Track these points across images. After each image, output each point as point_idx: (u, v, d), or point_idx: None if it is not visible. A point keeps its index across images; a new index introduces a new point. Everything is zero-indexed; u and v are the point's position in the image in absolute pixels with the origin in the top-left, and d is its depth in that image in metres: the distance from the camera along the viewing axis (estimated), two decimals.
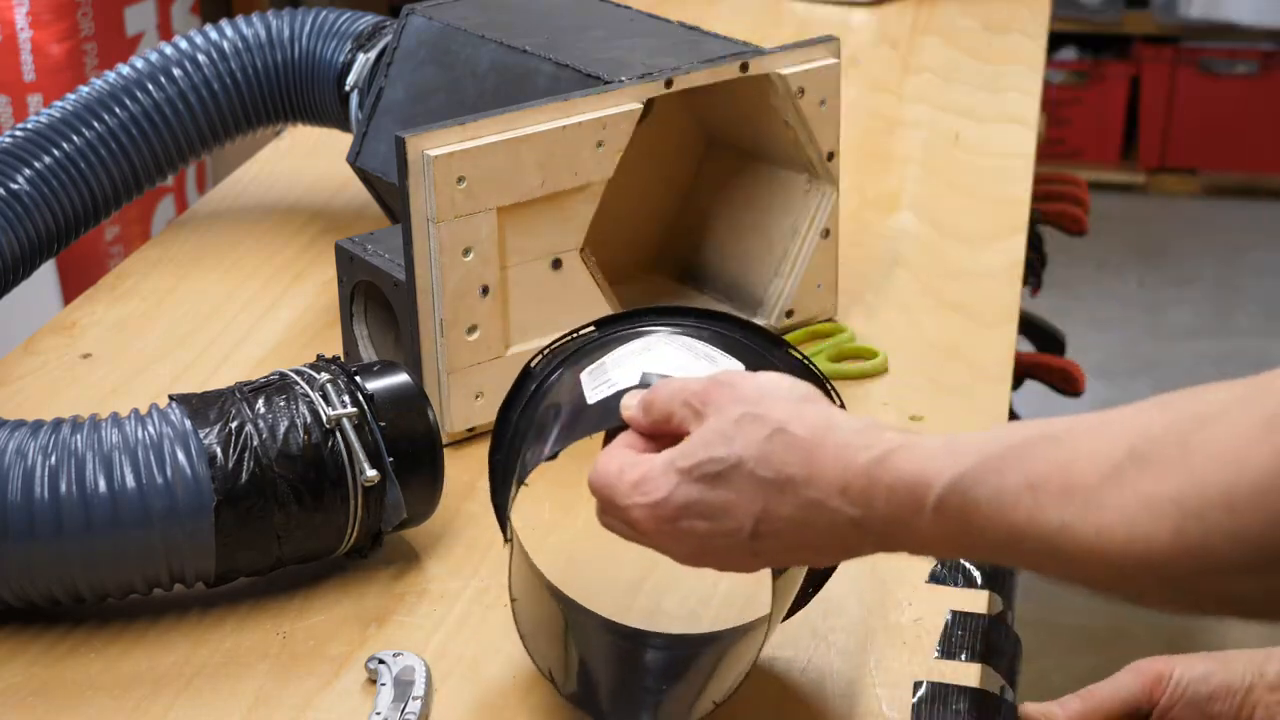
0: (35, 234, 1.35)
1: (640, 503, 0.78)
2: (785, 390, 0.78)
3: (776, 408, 0.76)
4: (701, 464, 0.76)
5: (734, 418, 0.77)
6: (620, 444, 0.82)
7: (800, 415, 0.76)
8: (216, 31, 1.48)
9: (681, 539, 0.78)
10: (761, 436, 0.75)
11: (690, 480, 0.77)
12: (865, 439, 0.74)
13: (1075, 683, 1.04)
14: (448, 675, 0.97)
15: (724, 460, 0.76)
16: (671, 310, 0.93)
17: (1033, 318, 2.09)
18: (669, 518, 0.78)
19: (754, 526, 0.76)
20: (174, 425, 1.00)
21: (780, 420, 0.76)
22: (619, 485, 0.79)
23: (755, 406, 0.76)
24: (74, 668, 0.98)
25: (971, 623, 1.00)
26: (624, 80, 1.21)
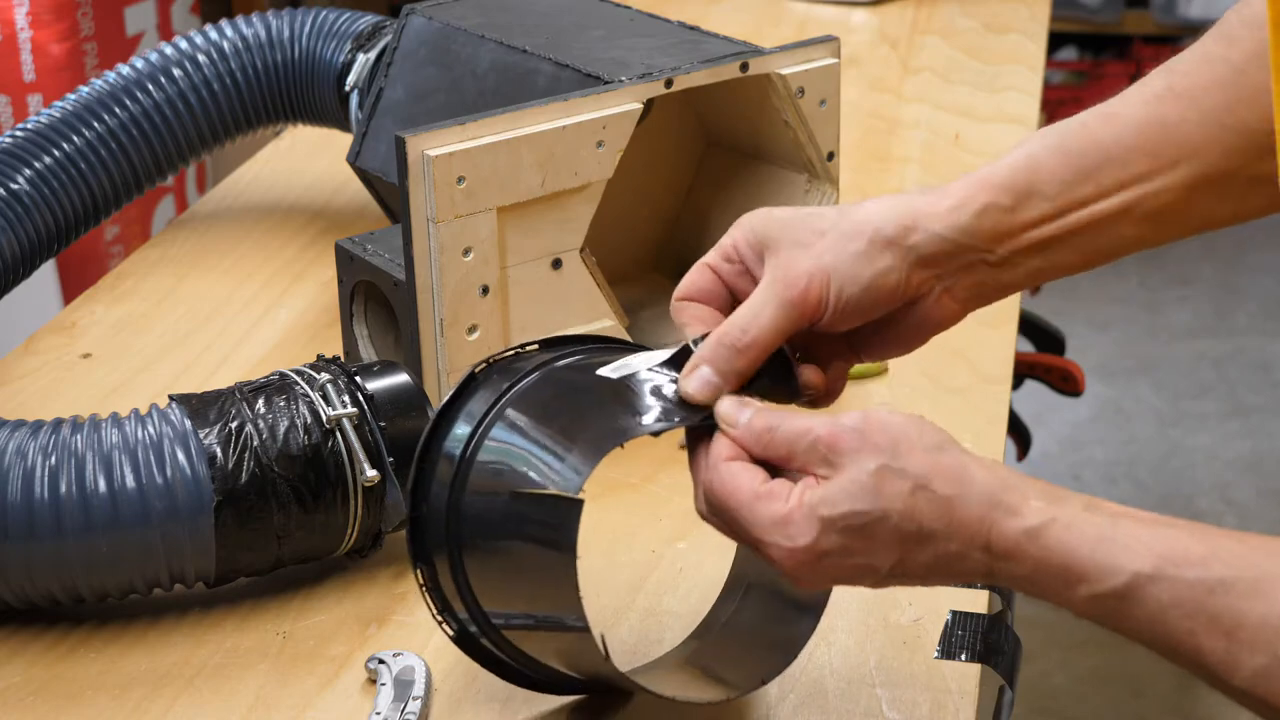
0: (35, 234, 1.35)
1: (783, 544, 0.79)
2: (917, 439, 0.79)
3: (914, 460, 0.78)
4: (846, 516, 0.78)
5: (872, 470, 0.78)
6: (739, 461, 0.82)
7: (939, 469, 0.78)
8: (216, 31, 1.48)
9: (817, 576, 0.81)
10: (905, 492, 0.77)
11: (834, 530, 0.78)
12: (1010, 502, 0.77)
13: (1075, 683, 1.04)
14: (448, 675, 0.97)
15: (868, 515, 0.78)
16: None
17: (1033, 318, 2.09)
18: (810, 561, 0.79)
19: (890, 569, 0.79)
20: (174, 425, 1.00)
21: (920, 475, 0.77)
22: (758, 516, 0.80)
23: (893, 459, 0.78)
24: (74, 668, 0.99)
25: (971, 623, 1.00)
26: (624, 80, 1.21)
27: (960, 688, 0.95)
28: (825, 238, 0.86)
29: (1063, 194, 0.86)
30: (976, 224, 0.86)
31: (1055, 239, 0.87)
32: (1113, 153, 0.86)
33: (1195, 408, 3.20)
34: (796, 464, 0.80)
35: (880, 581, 0.80)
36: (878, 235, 0.86)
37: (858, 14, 2.18)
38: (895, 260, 0.86)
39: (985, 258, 0.87)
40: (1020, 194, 0.86)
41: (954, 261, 0.87)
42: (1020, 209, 0.86)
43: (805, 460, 0.80)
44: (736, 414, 0.83)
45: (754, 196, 1.36)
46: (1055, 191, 0.86)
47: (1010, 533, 0.76)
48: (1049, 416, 3.03)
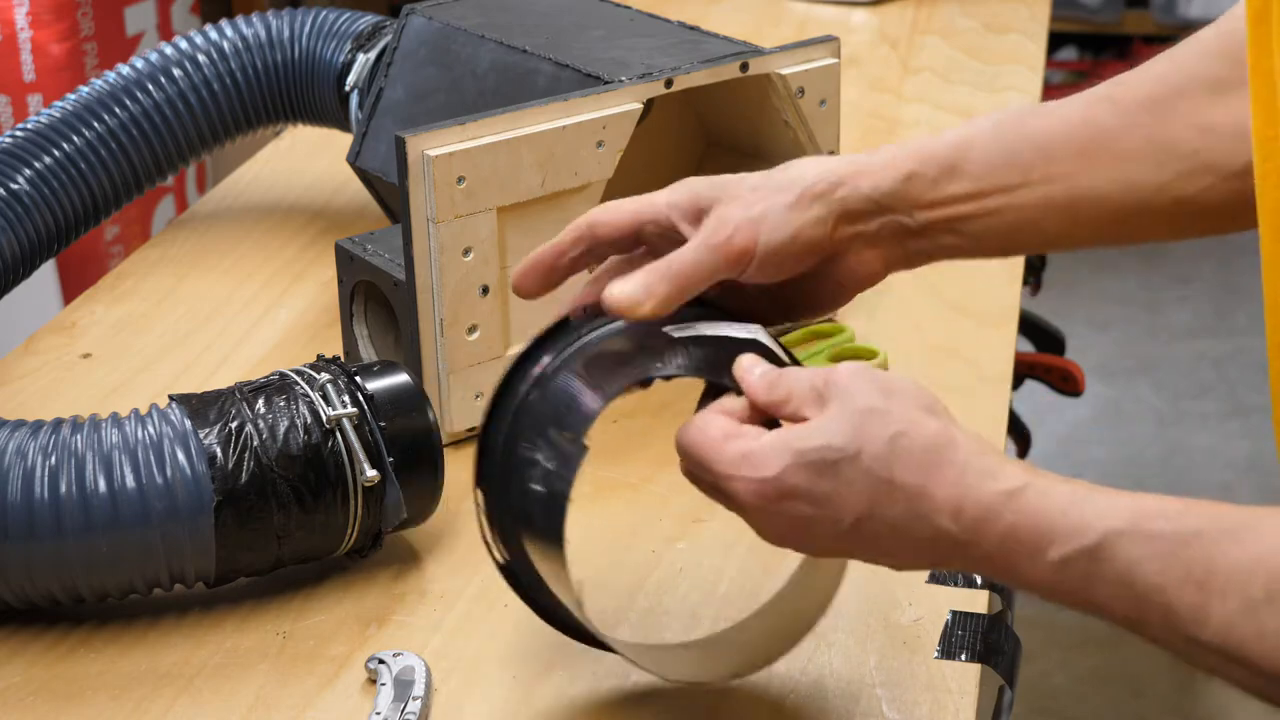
0: (35, 234, 1.35)
1: (747, 476, 0.78)
2: (911, 395, 0.78)
3: (902, 411, 0.77)
4: (820, 449, 0.76)
5: (857, 408, 0.77)
6: (718, 409, 0.82)
7: (923, 425, 0.77)
8: (216, 31, 1.48)
9: (778, 519, 0.79)
10: (885, 436, 0.76)
11: (803, 463, 0.77)
12: (988, 465, 0.75)
13: (1075, 683, 1.04)
14: (448, 675, 0.97)
15: (842, 451, 0.76)
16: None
17: (1033, 318, 2.09)
18: (773, 496, 0.77)
19: (854, 522, 0.77)
20: (174, 425, 1.00)
21: (904, 425, 0.76)
22: (723, 452, 0.79)
23: (882, 403, 0.77)
24: (74, 668, 0.99)
25: (971, 623, 1.00)
26: (624, 80, 1.21)
27: (960, 688, 0.95)
28: (757, 192, 0.88)
29: (987, 176, 0.88)
30: (900, 189, 0.88)
31: (973, 217, 0.88)
32: (1041, 145, 0.88)
33: (1195, 408, 3.20)
34: (791, 407, 0.80)
35: (836, 541, 0.78)
36: (807, 190, 0.88)
37: (858, 14, 2.18)
38: (821, 212, 0.88)
39: (905, 222, 0.89)
40: (946, 168, 0.88)
41: (875, 220, 0.89)
42: (943, 182, 0.88)
43: (800, 402, 0.79)
44: (753, 364, 0.83)
45: None
46: (980, 172, 0.88)
47: (986, 495, 0.75)
48: (1049, 416, 3.03)
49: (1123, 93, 0.89)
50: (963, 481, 0.75)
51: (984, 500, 0.75)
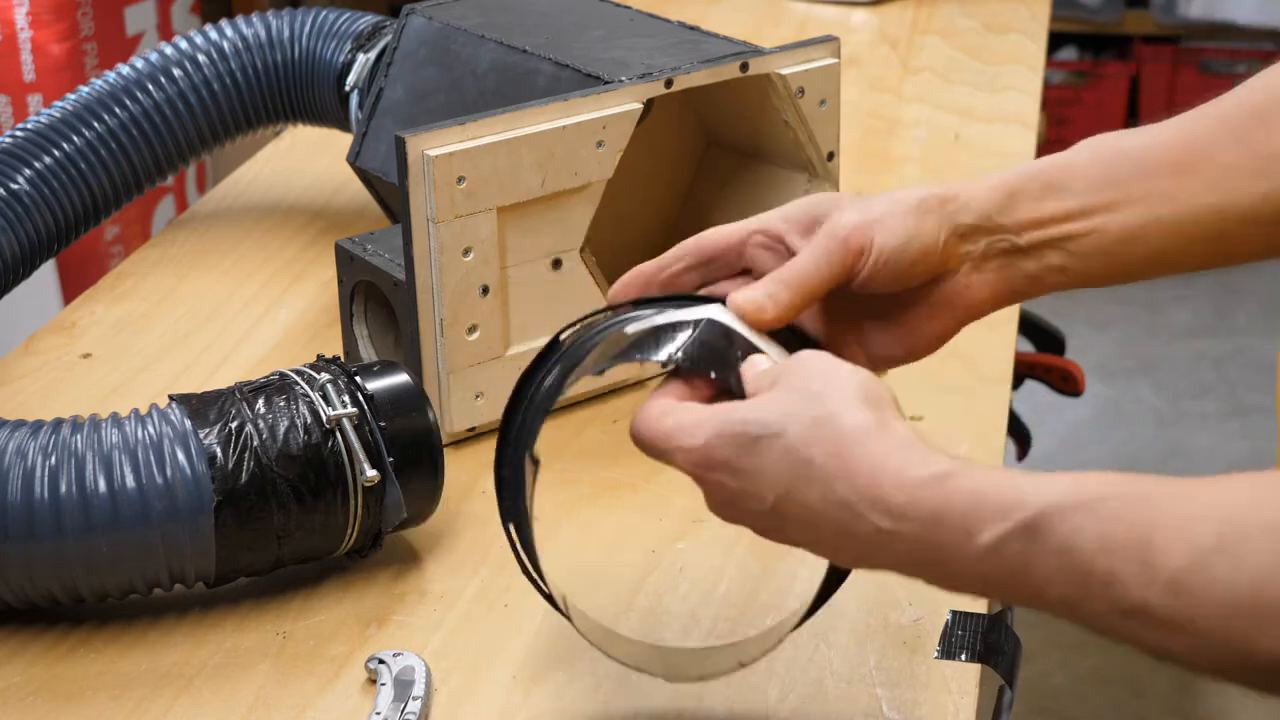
0: (35, 234, 1.35)
1: (679, 445, 0.79)
2: (852, 383, 0.77)
3: (835, 396, 0.76)
4: (744, 423, 0.77)
5: (791, 390, 0.77)
6: (662, 391, 0.83)
7: (853, 411, 0.75)
8: (216, 31, 1.48)
9: (712, 490, 0.79)
10: (810, 419, 0.75)
11: (728, 435, 0.77)
12: (915, 455, 0.74)
13: (1075, 683, 1.04)
14: (448, 675, 0.97)
15: (764, 428, 0.76)
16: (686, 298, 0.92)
17: (1033, 318, 2.09)
18: (703, 465, 0.78)
19: (774, 503, 0.76)
20: (174, 425, 1.00)
21: (834, 411, 0.75)
22: (664, 427, 0.80)
23: (820, 386, 0.76)
24: (74, 668, 0.99)
25: (971, 623, 1.00)
26: (624, 80, 1.21)
27: (960, 688, 0.95)
28: (872, 200, 0.88)
29: (1088, 193, 0.88)
30: (1006, 204, 0.88)
31: (1078, 236, 0.88)
32: (1139, 161, 0.88)
33: (1195, 408, 3.20)
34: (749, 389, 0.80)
35: (765, 521, 0.78)
36: (923, 201, 0.88)
37: (858, 14, 2.18)
38: (936, 223, 0.88)
39: (1014, 240, 0.89)
40: (1048, 185, 0.88)
41: (983, 240, 0.89)
42: (1047, 199, 0.88)
43: (756, 387, 0.80)
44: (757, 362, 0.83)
45: (754, 196, 1.36)
46: (1082, 188, 0.88)
47: (908, 480, 0.72)
48: (1049, 416, 3.03)
49: (1219, 107, 0.88)
50: (883, 468, 0.73)
51: (906, 485, 0.73)
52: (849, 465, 0.74)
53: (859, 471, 0.74)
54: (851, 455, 0.74)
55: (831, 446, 0.75)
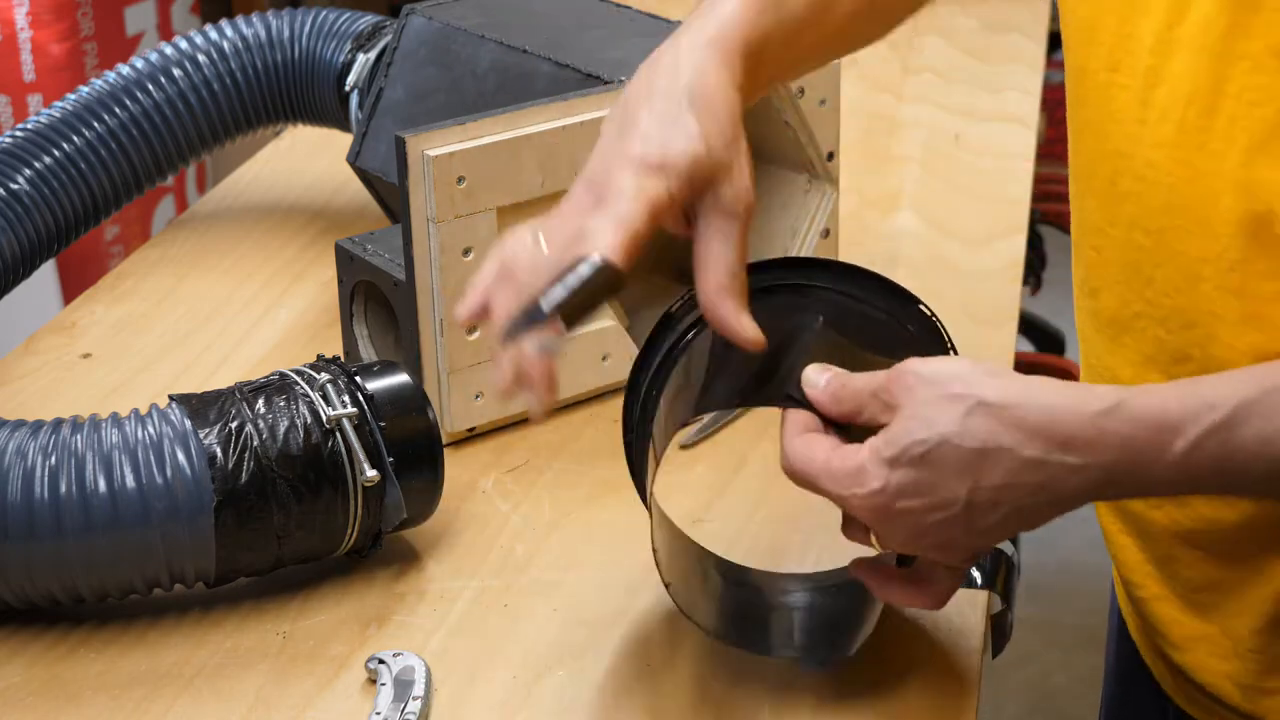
0: (35, 234, 1.35)
1: (859, 493, 0.81)
2: (970, 370, 0.81)
3: (968, 385, 0.79)
4: (907, 449, 0.79)
5: (927, 400, 0.80)
6: (809, 429, 0.84)
7: (994, 387, 0.79)
8: (216, 31, 1.48)
9: (898, 521, 0.81)
10: (960, 413, 0.79)
11: (900, 466, 0.80)
12: (1076, 394, 0.77)
13: (1076, 683, 1.04)
14: (448, 675, 0.97)
15: (926, 442, 0.79)
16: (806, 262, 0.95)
17: (1033, 318, 2.09)
18: (886, 505, 0.81)
19: (968, 498, 0.79)
20: (174, 425, 1.00)
21: (976, 396, 0.79)
22: (832, 474, 0.82)
23: (946, 388, 0.80)
24: (74, 668, 0.99)
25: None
26: (624, 80, 1.21)
27: (960, 688, 0.95)
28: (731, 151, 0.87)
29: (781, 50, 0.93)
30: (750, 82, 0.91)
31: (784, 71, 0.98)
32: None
33: None
34: (865, 416, 0.83)
35: (965, 530, 0.81)
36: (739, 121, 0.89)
37: None
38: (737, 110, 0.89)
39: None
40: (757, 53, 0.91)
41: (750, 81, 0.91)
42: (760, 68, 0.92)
43: (872, 412, 0.83)
44: (818, 374, 0.85)
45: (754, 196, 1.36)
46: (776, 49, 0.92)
47: (1085, 417, 0.77)
48: None
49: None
50: (1055, 414, 0.77)
51: (1086, 421, 0.77)
52: (1026, 429, 0.77)
53: (1035, 425, 0.77)
54: (1024, 420, 0.78)
55: (997, 424, 0.78)
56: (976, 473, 0.79)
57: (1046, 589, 2.71)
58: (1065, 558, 2.80)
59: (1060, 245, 2.43)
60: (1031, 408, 0.78)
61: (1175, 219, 0.84)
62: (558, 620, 1.02)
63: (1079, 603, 2.71)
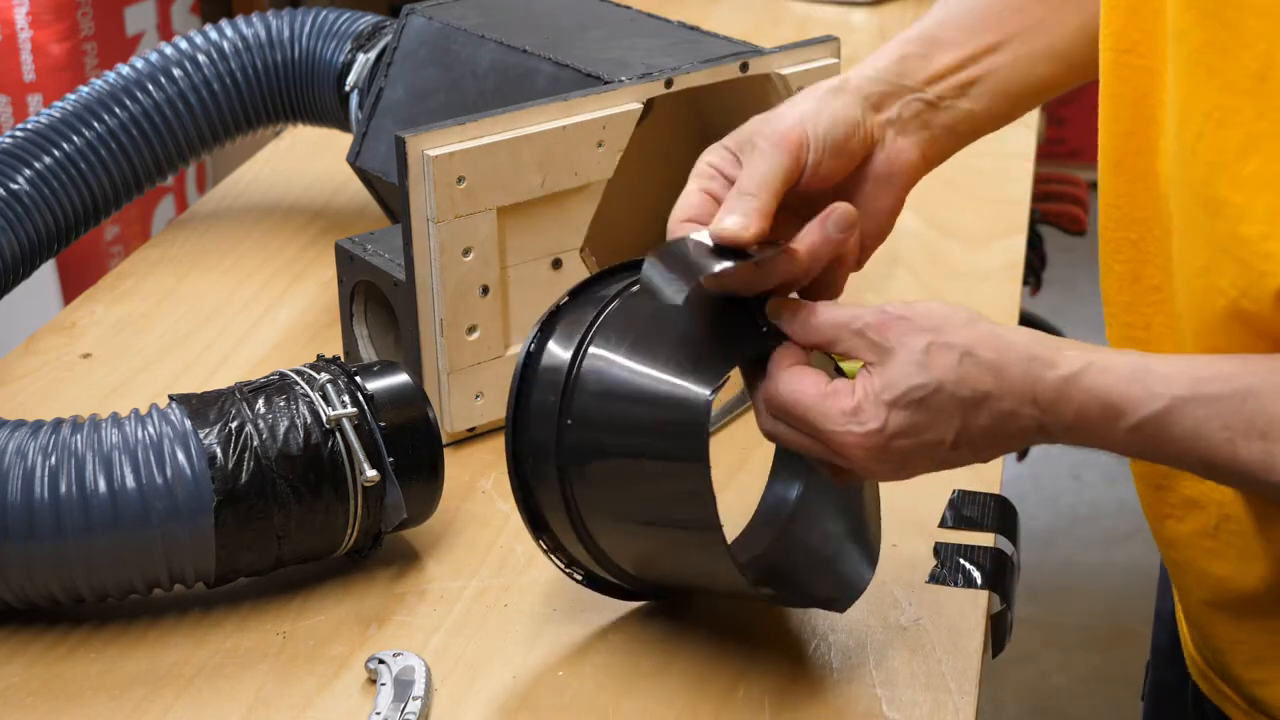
0: (35, 234, 1.35)
1: (856, 431, 0.85)
2: (953, 315, 0.85)
3: (957, 334, 0.84)
4: (906, 393, 0.84)
5: (922, 347, 0.84)
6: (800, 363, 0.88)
7: (979, 337, 0.84)
8: (216, 32, 1.48)
9: (888, 458, 0.86)
10: (954, 362, 0.83)
11: (899, 408, 0.84)
12: (1048, 354, 0.82)
13: (1076, 683, 1.04)
14: (448, 675, 0.97)
15: (926, 387, 0.84)
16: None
17: (1033, 318, 2.09)
18: (882, 444, 0.85)
19: (954, 439, 0.85)
20: (174, 425, 1.00)
21: (965, 344, 0.83)
22: (829, 410, 0.85)
23: (938, 335, 0.84)
24: (74, 668, 0.99)
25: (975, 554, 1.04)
26: (624, 80, 1.21)
27: (960, 688, 0.95)
28: (781, 106, 0.95)
29: (969, 41, 0.98)
30: (903, 70, 0.97)
31: (977, 80, 0.98)
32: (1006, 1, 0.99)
33: None
34: (841, 347, 0.86)
35: (947, 457, 0.86)
36: (832, 89, 0.96)
37: (858, 14, 2.18)
38: (849, 100, 0.95)
39: (923, 97, 0.98)
40: (930, 44, 0.98)
41: (895, 101, 0.97)
42: (935, 56, 0.98)
43: (852, 346, 0.86)
44: (781, 307, 0.89)
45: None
46: (962, 39, 0.98)
47: (1051, 381, 0.82)
48: None
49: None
50: (1030, 373, 0.82)
51: (1051, 386, 0.82)
52: (1004, 383, 0.83)
53: (1014, 381, 0.83)
54: (1003, 375, 0.83)
55: (984, 375, 0.83)
56: (965, 417, 0.84)
57: (1046, 589, 2.71)
58: (1065, 558, 2.80)
59: (1060, 245, 2.43)
60: (1011, 362, 0.83)
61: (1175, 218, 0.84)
62: (558, 620, 1.02)
63: (1079, 603, 2.71)
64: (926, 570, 1.04)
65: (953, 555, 1.06)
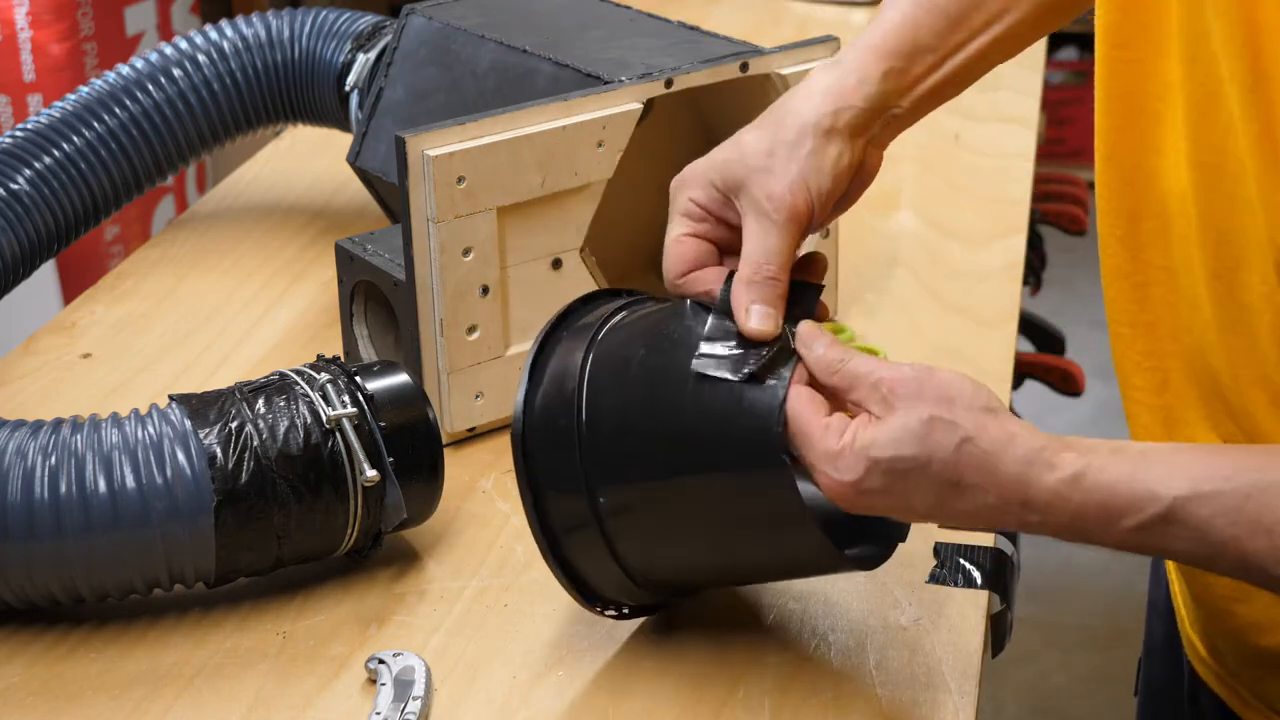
0: (35, 234, 1.35)
1: (830, 475, 0.84)
2: (971, 397, 0.84)
3: (964, 416, 0.82)
4: (892, 460, 0.82)
5: (924, 418, 0.82)
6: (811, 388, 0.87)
7: (985, 427, 0.82)
8: (216, 32, 1.48)
9: (853, 505, 0.85)
10: (951, 444, 0.82)
11: (879, 471, 0.83)
12: (1048, 458, 0.81)
13: (1076, 683, 1.04)
14: (448, 675, 0.97)
15: (913, 461, 0.82)
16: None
17: (1033, 318, 2.09)
18: (853, 495, 0.84)
19: (927, 512, 0.84)
20: (174, 425, 1.00)
21: (968, 430, 0.82)
22: (814, 445, 0.84)
23: (945, 411, 0.82)
24: (74, 668, 0.99)
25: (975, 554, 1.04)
26: (624, 80, 1.21)
27: (960, 688, 0.95)
28: (776, 155, 0.94)
29: (941, 44, 0.99)
30: (883, 88, 0.97)
31: (945, 82, 1.00)
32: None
33: None
34: (854, 396, 0.85)
35: (916, 519, 0.86)
36: (817, 130, 0.94)
37: (858, 14, 2.18)
38: (841, 144, 0.95)
39: (896, 112, 0.98)
40: (908, 54, 0.98)
41: (876, 122, 0.97)
42: (912, 66, 0.98)
43: (863, 396, 0.85)
44: (813, 339, 0.89)
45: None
46: (935, 44, 0.98)
47: (1049, 484, 0.80)
48: (1049, 416, 3.03)
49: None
50: (1026, 476, 0.81)
51: (1047, 489, 0.80)
52: (995, 480, 0.81)
53: (1005, 483, 0.81)
54: (996, 471, 0.81)
55: (976, 466, 0.82)
56: (944, 499, 0.83)
57: (1046, 589, 2.71)
58: (1065, 558, 2.80)
59: (1060, 245, 2.43)
60: (1008, 462, 0.81)
61: None
62: (558, 620, 1.02)
63: (1079, 603, 2.71)
64: (926, 570, 1.04)
65: (953, 555, 1.06)
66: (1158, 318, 0.90)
